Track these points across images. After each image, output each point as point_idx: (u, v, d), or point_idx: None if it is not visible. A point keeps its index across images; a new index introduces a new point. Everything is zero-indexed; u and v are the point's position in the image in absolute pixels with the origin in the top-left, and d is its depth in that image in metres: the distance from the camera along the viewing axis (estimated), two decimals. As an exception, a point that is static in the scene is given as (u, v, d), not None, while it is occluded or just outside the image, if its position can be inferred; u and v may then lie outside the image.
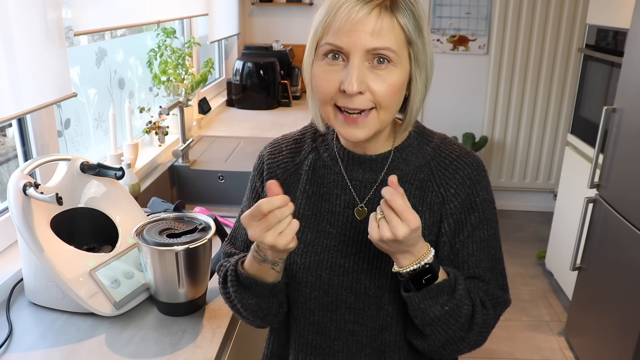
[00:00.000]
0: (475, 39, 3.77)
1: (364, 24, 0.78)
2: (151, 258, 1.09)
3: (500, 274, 0.95)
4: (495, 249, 0.93)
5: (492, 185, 0.95)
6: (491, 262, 0.93)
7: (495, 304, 0.92)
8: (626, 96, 2.14)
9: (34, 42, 1.26)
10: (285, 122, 2.81)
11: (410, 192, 0.90)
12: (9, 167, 1.49)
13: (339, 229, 0.92)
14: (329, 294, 0.92)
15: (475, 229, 0.90)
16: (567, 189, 2.97)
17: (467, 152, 0.93)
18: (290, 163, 0.98)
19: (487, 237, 0.92)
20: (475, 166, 0.91)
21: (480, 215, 0.91)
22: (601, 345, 2.28)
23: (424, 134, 0.94)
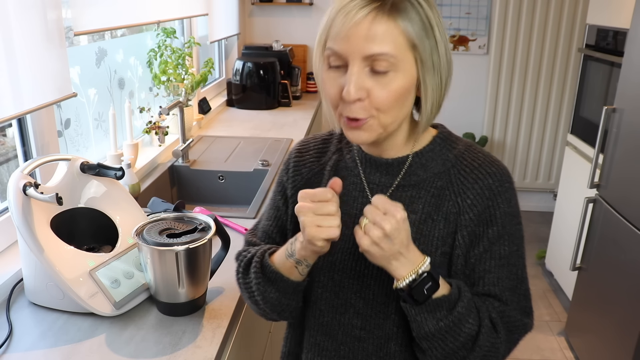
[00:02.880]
0: (475, 39, 3.77)
1: (359, 29, 0.75)
2: (151, 258, 1.09)
3: (523, 295, 0.89)
4: (518, 268, 0.88)
5: None
6: (512, 282, 0.87)
7: (512, 327, 0.87)
8: (626, 96, 2.14)
9: (34, 42, 1.26)
10: (285, 122, 2.81)
11: (425, 199, 0.87)
12: (9, 167, 1.49)
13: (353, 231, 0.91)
14: (339, 297, 0.92)
15: (493, 244, 0.86)
16: (567, 189, 2.97)
17: (492, 161, 0.88)
18: (316, 163, 0.99)
19: (508, 254, 0.86)
20: (498, 176, 0.86)
21: (500, 229, 0.86)
22: (601, 345, 2.28)
23: (448, 139, 0.91)
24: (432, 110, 0.83)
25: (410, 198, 0.88)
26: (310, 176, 0.98)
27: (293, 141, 2.46)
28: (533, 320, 0.91)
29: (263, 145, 2.38)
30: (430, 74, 0.80)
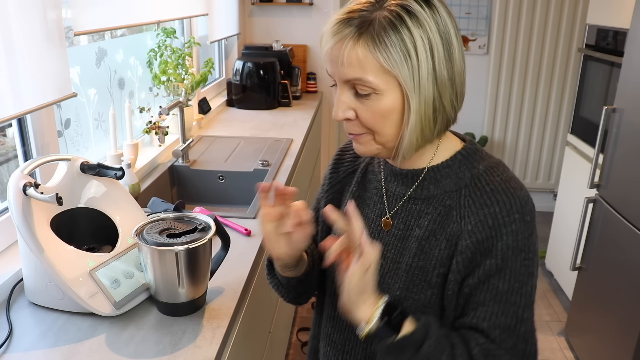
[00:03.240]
0: (475, 39, 3.77)
1: (335, 55, 0.77)
2: (151, 258, 1.09)
3: (521, 337, 0.81)
4: (518, 307, 0.80)
5: None
6: (508, 320, 0.80)
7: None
8: (626, 96, 2.14)
9: (34, 42, 1.26)
10: (285, 122, 2.81)
11: (432, 216, 0.85)
12: (9, 167, 1.49)
13: (369, 235, 0.90)
14: None
15: (491, 276, 0.80)
16: (567, 189, 2.98)
17: (507, 188, 0.81)
18: (352, 164, 1.01)
19: (507, 291, 0.80)
20: (507, 206, 0.80)
21: (500, 263, 0.80)
22: (601, 345, 2.28)
23: (471, 157, 0.86)
24: (421, 126, 0.79)
25: (418, 212, 0.88)
26: (344, 176, 1.01)
27: (293, 141, 2.46)
28: None
29: (263, 145, 2.38)
30: (414, 94, 0.76)
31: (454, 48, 0.77)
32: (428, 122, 0.79)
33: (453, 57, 0.77)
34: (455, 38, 0.78)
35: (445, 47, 0.76)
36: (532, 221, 0.81)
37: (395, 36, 0.73)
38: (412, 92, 0.76)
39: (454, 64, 0.78)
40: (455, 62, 0.78)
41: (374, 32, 0.74)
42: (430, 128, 0.80)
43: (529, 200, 0.82)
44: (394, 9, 0.74)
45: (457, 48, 0.78)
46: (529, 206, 0.82)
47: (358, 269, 0.76)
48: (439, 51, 0.75)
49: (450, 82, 0.78)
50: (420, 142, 0.82)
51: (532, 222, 0.82)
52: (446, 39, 0.76)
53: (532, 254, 0.81)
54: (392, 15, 0.74)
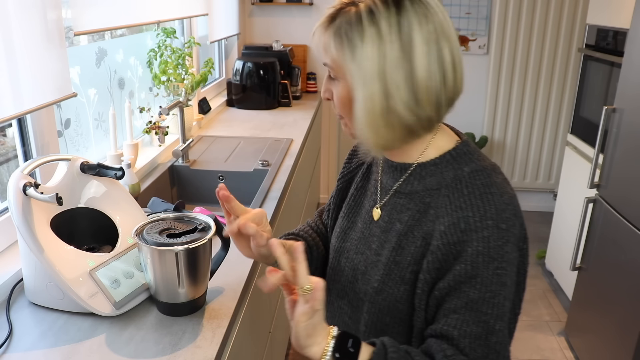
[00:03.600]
0: (475, 39, 3.77)
1: (315, 39, 0.84)
2: (151, 258, 1.09)
3: (492, 348, 0.78)
4: (490, 317, 0.78)
5: None
6: (478, 330, 0.78)
7: None
8: (626, 96, 2.14)
9: (34, 42, 1.26)
10: (285, 122, 2.81)
11: (412, 212, 0.86)
12: (9, 167, 1.49)
13: (363, 224, 0.96)
14: (340, 282, 0.98)
15: (462, 283, 0.79)
16: (567, 189, 2.98)
17: (487, 193, 0.80)
18: (364, 156, 1.04)
19: (477, 300, 0.78)
20: (482, 212, 0.78)
21: (469, 269, 0.78)
22: (601, 345, 2.28)
23: (460, 158, 0.86)
24: (369, 123, 0.80)
25: (401, 206, 0.89)
26: (355, 167, 1.06)
27: (293, 141, 2.46)
28: None
29: (263, 145, 2.38)
30: (358, 85, 0.79)
31: (416, 54, 0.77)
32: (376, 121, 0.80)
33: (413, 62, 0.77)
34: (424, 45, 0.77)
35: (404, 50, 0.77)
36: (508, 230, 0.79)
37: (351, 32, 0.78)
38: (356, 86, 0.79)
39: (413, 69, 0.77)
40: (416, 68, 0.77)
41: (338, 23, 0.80)
42: (384, 127, 0.80)
43: (509, 209, 0.80)
44: (360, 8, 0.78)
45: (422, 55, 0.77)
46: (507, 214, 0.79)
47: (304, 315, 0.75)
48: (391, 54, 0.77)
49: (407, 88, 0.77)
50: (379, 141, 0.82)
51: (510, 232, 0.79)
52: (407, 43, 0.76)
53: (506, 263, 0.79)
54: (355, 13, 0.78)
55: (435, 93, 0.79)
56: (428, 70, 0.78)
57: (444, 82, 0.79)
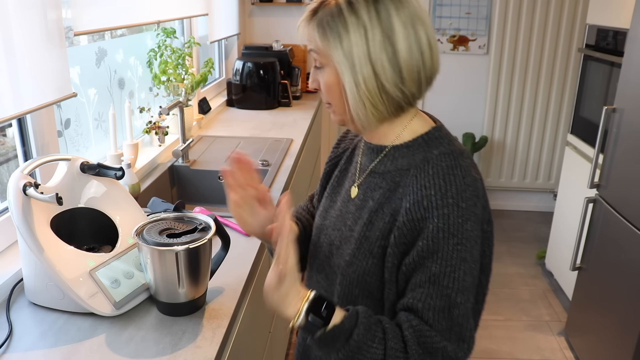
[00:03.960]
0: (475, 39, 3.77)
1: (301, 30, 0.91)
2: (151, 258, 1.09)
3: (453, 321, 0.83)
4: (452, 291, 0.83)
5: (491, 185, 0.93)
6: (442, 303, 0.83)
7: (431, 349, 0.83)
8: (626, 96, 2.14)
9: (34, 42, 1.26)
10: (285, 122, 2.81)
11: (383, 190, 0.92)
12: (9, 167, 1.49)
13: (341, 203, 1.02)
14: (318, 257, 1.04)
15: (425, 258, 0.84)
16: (567, 189, 2.98)
17: (450, 174, 0.86)
18: (351, 142, 1.10)
19: (438, 274, 0.83)
20: (444, 191, 0.84)
21: (431, 245, 0.83)
22: (601, 345, 2.28)
23: (432, 142, 0.91)
24: (363, 103, 0.87)
25: (374, 185, 0.95)
26: (342, 151, 1.10)
27: (293, 141, 2.46)
28: (465, 348, 0.85)
29: (263, 145, 2.38)
30: (344, 71, 0.86)
31: (397, 37, 0.84)
32: (373, 99, 0.87)
33: (395, 44, 0.84)
34: (403, 28, 0.85)
35: (385, 35, 0.84)
36: (468, 209, 0.84)
37: (333, 22, 0.85)
38: (344, 71, 0.86)
39: (397, 51, 0.85)
40: (399, 50, 0.85)
41: (320, 15, 0.87)
42: (379, 105, 0.87)
43: (469, 189, 0.85)
44: (339, 3, 0.86)
45: (402, 37, 0.85)
46: (467, 194, 0.85)
47: (271, 281, 0.83)
48: (375, 39, 0.84)
49: (392, 67, 0.85)
50: (374, 117, 0.89)
51: (470, 210, 0.84)
52: (387, 27, 0.84)
53: (466, 240, 0.84)
54: (335, 6, 0.86)
55: (416, 71, 0.87)
56: (409, 51, 0.86)
57: (423, 61, 0.88)
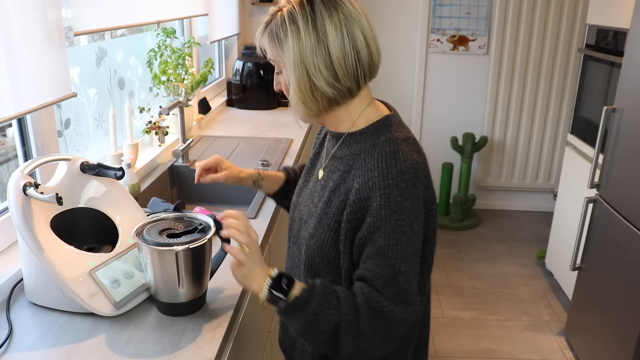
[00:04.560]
0: (475, 39, 3.77)
1: (258, 41, 1.04)
2: (151, 258, 1.09)
3: (399, 287, 0.94)
4: (395, 261, 0.94)
5: (491, 185, 0.96)
6: (388, 272, 0.94)
7: (381, 312, 0.94)
8: (626, 96, 2.14)
9: (34, 42, 1.26)
10: (285, 122, 2.81)
11: (340, 172, 1.04)
12: (9, 167, 1.49)
13: (312, 183, 1.14)
14: (293, 230, 1.18)
15: (372, 232, 0.95)
16: (567, 189, 2.98)
17: (392, 158, 0.96)
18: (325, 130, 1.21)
19: (383, 246, 0.94)
20: (385, 173, 0.95)
21: (376, 221, 0.94)
22: (601, 345, 2.28)
23: (381, 129, 1.02)
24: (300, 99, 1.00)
25: (334, 167, 1.07)
26: (323, 137, 1.20)
27: (293, 141, 2.46)
28: (412, 310, 0.96)
29: (263, 145, 2.38)
30: (288, 72, 0.99)
31: (330, 40, 0.95)
32: (304, 98, 1.00)
33: (328, 47, 0.95)
34: (335, 31, 0.95)
35: (319, 39, 0.95)
36: (408, 189, 0.95)
37: (279, 31, 0.98)
38: (289, 72, 0.99)
39: (330, 53, 0.96)
40: (332, 52, 0.96)
41: (270, 27, 1.00)
42: (311, 101, 1.00)
43: (409, 172, 0.96)
44: (284, 12, 0.97)
45: (334, 40, 0.95)
46: (407, 176, 0.95)
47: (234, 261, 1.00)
48: (309, 43, 0.95)
49: (326, 67, 0.96)
50: (306, 114, 1.03)
51: (409, 190, 0.95)
52: (321, 32, 0.95)
53: (406, 216, 0.94)
54: (280, 16, 0.98)
55: (351, 68, 0.98)
56: (343, 51, 0.96)
57: (359, 58, 0.98)
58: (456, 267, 3.38)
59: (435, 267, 3.35)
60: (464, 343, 2.66)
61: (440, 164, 4.04)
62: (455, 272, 3.32)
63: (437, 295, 3.07)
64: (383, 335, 0.95)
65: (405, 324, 0.96)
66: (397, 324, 0.95)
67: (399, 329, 0.96)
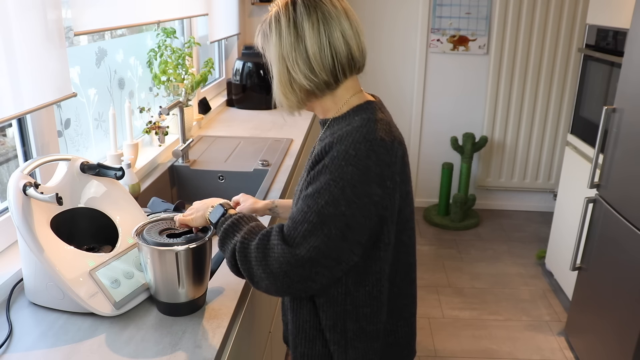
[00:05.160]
0: (475, 39, 3.77)
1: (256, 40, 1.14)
2: (151, 258, 1.09)
3: (298, 231, 0.99)
4: (309, 210, 0.99)
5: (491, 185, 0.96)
6: (299, 216, 1.00)
7: (270, 244, 1.00)
8: (626, 96, 2.14)
9: (34, 42, 1.26)
10: (285, 122, 2.81)
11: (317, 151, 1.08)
12: (9, 167, 1.49)
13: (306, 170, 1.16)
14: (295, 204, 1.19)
15: (309, 184, 1.03)
16: (567, 189, 2.98)
17: (353, 132, 1.01)
18: None
19: (307, 196, 1.01)
20: (342, 140, 1.01)
21: (313, 176, 1.02)
22: (601, 345, 2.28)
23: (359, 110, 1.09)
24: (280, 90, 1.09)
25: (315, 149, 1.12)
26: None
27: (293, 141, 2.46)
28: (295, 255, 0.98)
29: (263, 145, 2.38)
30: (273, 65, 1.08)
31: (307, 37, 1.03)
32: (284, 90, 1.08)
33: (305, 43, 1.03)
34: (312, 29, 1.03)
35: (298, 36, 1.04)
36: (357, 157, 0.98)
37: (267, 29, 1.08)
38: (273, 66, 1.08)
39: (307, 48, 1.04)
40: (307, 47, 1.04)
41: (262, 27, 1.10)
42: (290, 93, 1.08)
43: (365, 143, 1.00)
44: (272, 13, 1.07)
45: (311, 37, 1.03)
46: (361, 146, 0.99)
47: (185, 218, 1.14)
48: (288, 40, 1.04)
49: (303, 61, 1.04)
50: (287, 105, 1.11)
51: (357, 159, 0.98)
52: (300, 30, 1.03)
53: (341, 180, 0.98)
54: (269, 17, 1.08)
55: (328, 63, 1.05)
56: (319, 48, 1.03)
57: (336, 53, 1.04)
58: (456, 267, 3.37)
59: (435, 267, 3.36)
60: (464, 343, 2.66)
61: (440, 164, 4.04)
62: (455, 272, 3.32)
63: (437, 295, 3.07)
64: (265, 263, 1.00)
65: (280, 263, 0.98)
66: (275, 257, 0.99)
67: (276, 264, 0.99)
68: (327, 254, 0.98)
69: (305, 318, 1.13)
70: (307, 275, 0.99)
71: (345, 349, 1.11)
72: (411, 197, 1.13)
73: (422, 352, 2.58)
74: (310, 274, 0.99)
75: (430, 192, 4.17)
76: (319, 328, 1.12)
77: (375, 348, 1.13)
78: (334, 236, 0.98)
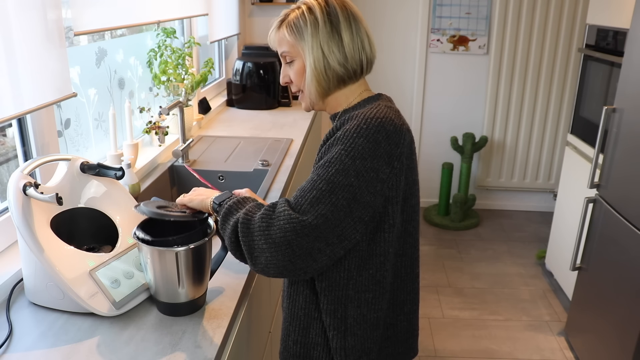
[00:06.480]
0: (475, 39, 3.77)
1: (272, 38, 1.20)
2: (151, 258, 1.09)
3: (306, 198, 1.02)
4: (318, 178, 1.02)
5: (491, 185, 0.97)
6: (308, 185, 1.03)
7: (277, 212, 1.01)
8: (626, 96, 2.14)
9: (34, 42, 1.26)
10: (285, 122, 2.81)
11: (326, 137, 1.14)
12: (9, 167, 1.49)
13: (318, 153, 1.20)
14: None
15: (319, 167, 1.06)
16: (567, 189, 2.98)
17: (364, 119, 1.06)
18: None
19: (318, 167, 1.05)
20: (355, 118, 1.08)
21: (327, 149, 1.08)
22: (601, 345, 2.28)
23: (368, 101, 1.17)
24: (311, 82, 1.15)
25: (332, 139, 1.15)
26: None
27: (293, 141, 2.46)
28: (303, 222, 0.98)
29: (263, 145, 2.38)
30: (308, 58, 1.14)
31: (342, 28, 1.13)
32: (318, 77, 1.15)
33: (341, 33, 1.13)
34: (346, 22, 1.14)
35: (333, 27, 1.13)
36: (368, 131, 1.04)
37: (298, 22, 1.14)
38: (307, 55, 1.14)
39: (342, 38, 1.13)
40: (343, 37, 1.13)
41: (288, 20, 1.16)
42: (324, 79, 1.15)
43: (376, 120, 1.06)
44: (303, 9, 1.15)
45: (345, 28, 1.14)
46: (373, 122, 1.05)
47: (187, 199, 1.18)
48: (325, 29, 1.13)
49: (338, 49, 1.13)
50: (320, 90, 1.16)
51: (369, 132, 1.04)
52: (335, 22, 1.13)
53: (352, 149, 1.03)
54: (300, 11, 1.15)
55: (357, 53, 1.15)
56: (351, 39, 1.14)
57: (363, 47, 1.16)
58: (456, 267, 3.37)
59: (435, 267, 3.37)
60: (464, 343, 2.66)
61: (440, 163, 4.04)
62: (455, 272, 3.32)
63: (437, 295, 3.07)
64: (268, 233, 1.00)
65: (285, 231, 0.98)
66: (280, 224, 0.99)
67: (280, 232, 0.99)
68: (332, 224, 0.99)
69: (300, 305, 1.16)
70: (309, 249, 0.98)
71: (345, 335, 1.12)
72: (417, 188, 1.17)
73: (422, 352, 2.58)
74: (312, 249, 0.99)
75: (430, 192, 4.17)
76: (313, 316, 1.15)
77: (374, 337, 1.14)
78: (340, 206, 1.00)
